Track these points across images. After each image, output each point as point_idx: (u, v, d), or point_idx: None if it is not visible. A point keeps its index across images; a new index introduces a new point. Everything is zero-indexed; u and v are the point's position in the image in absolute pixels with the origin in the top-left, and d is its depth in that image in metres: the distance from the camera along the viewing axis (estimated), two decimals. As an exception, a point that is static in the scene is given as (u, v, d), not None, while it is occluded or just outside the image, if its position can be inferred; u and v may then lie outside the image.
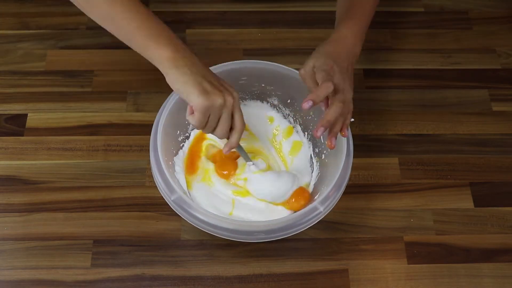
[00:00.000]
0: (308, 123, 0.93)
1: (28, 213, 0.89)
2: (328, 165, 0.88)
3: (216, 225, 0.77)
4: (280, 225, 0.78)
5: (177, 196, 0.78)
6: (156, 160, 0.80)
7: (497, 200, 0.93)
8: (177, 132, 0.90)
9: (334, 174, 0.81)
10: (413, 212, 0.92)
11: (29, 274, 0.84)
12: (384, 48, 1.11)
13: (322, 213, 0.78)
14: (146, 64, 1.06)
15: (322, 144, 0.90)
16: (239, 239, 0.79)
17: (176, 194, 0.78)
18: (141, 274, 0.85)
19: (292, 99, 0.93)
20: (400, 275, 0.86)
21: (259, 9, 1.15)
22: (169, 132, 0.86)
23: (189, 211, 0.78)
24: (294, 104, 0.93)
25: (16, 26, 1.10)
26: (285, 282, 0.85)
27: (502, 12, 1.17)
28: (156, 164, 0.80)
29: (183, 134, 0.92)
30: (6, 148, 0.96)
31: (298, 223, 0.78)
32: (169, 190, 0.79)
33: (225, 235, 0.78)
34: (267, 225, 0.78)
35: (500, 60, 1.10)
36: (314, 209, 0.78)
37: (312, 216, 0.78)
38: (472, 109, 1.03)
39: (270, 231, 0.78)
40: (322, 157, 0.90)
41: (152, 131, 0.82)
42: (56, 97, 1.01)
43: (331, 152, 0.86)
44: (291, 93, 0.91)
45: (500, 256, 0.88)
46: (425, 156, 0.97)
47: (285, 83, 0.89)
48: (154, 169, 0.80)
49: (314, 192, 0.88)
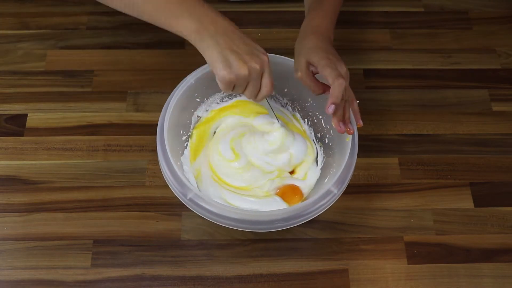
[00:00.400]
0: (307, 110, 0.94)
1: (28, 213, 0.89)
2: (333, 148, 0.89)
3: (236, 219, 0.78)
4: (297, 211, 0.78)
5: (193, 194, 0.78)
6: (167, 163, 0.80)
7: (497, 200, 0.93)
8: (180, 132, 0.90)
9: (343, 155, 0.81)
10: (413, 212, 0.92)
11: (29, 274, 0.84)
12: (384, 48, 1.11)
13: (337, 195, 0.79)
14: (146, 64, 1.07)
15: (324, 128, 0.91)
16: (261, 229, 0.80)
17: (191, 193, 0.78)
18: (141, 274, 0.85)
19: (288, 88, 0.93)
20: (400, 275, 0.86)
21: (259, 9, 1.15)
22: (173, 133, 0.86)
23: (205, 207, 0.78)
24: (292, 92, 0.94)
25: (16, 26, 1.10)
26: (285, 282, 0.85)
27: (502, 12, 1.17)
28: (168, 166, 0.80)
29: (185, 134, 0.92)
30: (6, 148, 0.96)
31: (316, 208, 0.79)
32: (184, 190, 0.79)
33: (248, 228, 0.79)
34: (285, 213, 0.78)
35: (500, 60, 1.10)
36: (329, 192, 0.79)
37: (328, 200, 0.79)
38: (472, 109, 1.03)
39: (289, 218, 0.78)
40: (325, 141, 0.91)
41: (158, 133, 0.82)
42: (56, 97, 1.01)
43: (334, 135, 0.87)
44: (287, 82, 0.92)
45: (500, 256, 0.88)
46: (425, 156, 0.97)
47: (280, 73, 0.89)
48: (166, 172, 0.80)
49: (322, 176, 0.88)
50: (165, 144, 0.81)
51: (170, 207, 0.90)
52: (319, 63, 0.77)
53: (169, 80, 1.03)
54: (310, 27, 0.83)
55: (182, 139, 0.91)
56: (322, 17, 0.85)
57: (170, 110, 0.84)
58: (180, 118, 0.88)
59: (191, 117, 0.93)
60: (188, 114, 0.92)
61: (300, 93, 0.93)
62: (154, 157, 0.95)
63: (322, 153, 0.92)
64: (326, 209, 0.80)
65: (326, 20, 0.85)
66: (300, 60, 0.79)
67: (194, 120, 0.93)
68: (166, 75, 1.04)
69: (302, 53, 0.80)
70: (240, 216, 0.78)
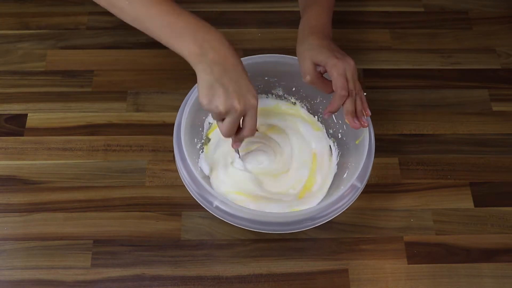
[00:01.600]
0: (316, 107, 0.95)
1: (28, 213, 0.89)
2: (347, 143, 0.89)
3: (262, 221, 0.78)
4: (324, 209, 0.79)
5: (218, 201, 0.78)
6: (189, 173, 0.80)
7: (497, 200, 0.93)
8: (195, 140, 0.91)
9: (361, 150, 0.82)
10: (413, 212, 0.92)
11: (29, 274, 0.84)
12: (384, 48, 1.11)
13: (360, 188, 0.80)
14: (146, 64, 1.07)
15: (336, 123, 0.91)
16: (287, 230, 0.80)
17: (216, 200, 0.78)
18: (141, 274, 0.85)
19: (296, 86, 0.94)
20: (400, 275, 0.86)
21: (259, 9, 1.15)
22: (188, 140, 0.86)
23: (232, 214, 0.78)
24: (300, 91, 0.94)
25: (16, 26, 1.10)
26: (285, 282, 0.85)
27: (502, 12, 1.17)
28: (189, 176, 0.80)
29: (199, 141, 0.92)
30: (6, 148, 0.96)
31: (343, 203, 0.79)
32: (210, 199, 0.79)
33: (275, 230, 0.80)
34: (312, 212, 0.79)
35: (500, 60, 1.10)
36: (354, 187, 0.80)
37: (353, 194, 0.80)
38: (472, 109, 1.03)
39: (316, 217, 0.79)
40: (339, 136, 0.92)
41: (175, 139, 0.82)
42: (56, 97, 1.01)
43: (347, 130, 0.88)
44: (295, 81, 0.92)
45: (500, 256, 0.88)
46: (425, 156, 0.97)
47: (288, 72, 0.90)
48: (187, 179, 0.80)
49: (340, 172, 0.89)
50: (184, 151, 0.80)
51: (170, 207, 0.90)
52: (327, 63, 0.77)
53: (169, 80, 1.04)
54: (308, 28, 0.83)
55: (197, 147, 0.91)
56: (319, 15, 0.84)
57: (186, 115, 0.83)
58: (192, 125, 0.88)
59: (203, 124, 0.93)
60: (200, 121, 0.92)
61: (308, 91, 0.93)
62: (154, 157, 0.95)
63: (336, 148, 0.92)
64: (350, 204, 0.80)
65: (323, 17, 0.84)
66: (306, 63, 0.79)
67: (206, 127, 0.93)
68: (166, 75, 1.04)
69: (306, 56, 0.79)
70: (267, 219, 0.78)
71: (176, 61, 1.06)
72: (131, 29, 1.11)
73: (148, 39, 1.09)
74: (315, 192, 0.89)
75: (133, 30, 1.10)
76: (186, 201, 0.88)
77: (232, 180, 0.88)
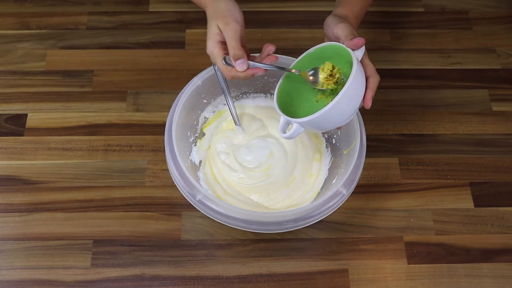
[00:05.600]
0: None
1: (28, 213, 0.89)
2: (340, 149, 0.89)
3: (244, 220, 0.78)
4: (307, 212, 0.79)
5: (202, 195, 0.79)
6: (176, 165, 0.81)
7: (497, 200, 0.93)
8: (188, 133, 0.91)
9: (351, 156, 0.82)
10: (413, 212, 0.92)
11: (29, 274, 0.84)
12: (384, 48, 1.11)
13: (346, 195, 0.80)
14: (146, 64, 1.07)
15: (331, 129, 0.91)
16: (269, 230, 0.80)
17: (200, 194, 0.79)
18: (141, 274, 0.85)
19: None
20: (400, 275, 0.86)
21: (259, 9, 1.15)
22: (181, 134, 0.86)
23: (215, 209, 0.78)
24: None
25: (16, 26, 1.10)
26: (285, 282, 0.85)
27: (502, 12, 1.17)
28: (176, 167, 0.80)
29: (193, 135, 0.92)
30: (6, 148, 0.96)
31: (325, 209, 0.79)
32: (193, 191, 0.79)
33: (256, 229, 0.80)
34: (294, 214, 0.79)
35: (500, 60, 1.10)
36: (338, 194, 0.79)
37: (337, 200, 0.79)
38: (472, 109, 1.03)
39: (299, 219, 0.79)
40: (333, 141, 0.91)
41: (166, 134, 0.82)
42: (56, 97, 1.01)
43: (341, 135, 0.88)
44: None
45: (500, 256, 0.88)
46: (425, 156, 0.97)
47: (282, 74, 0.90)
48: (174, 173, 0.80)
49: (330, 176, 0.89)
50: (173, 144, 0.81)
51: (170, 207, 0.91)
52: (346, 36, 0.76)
53: (169, 80, 1.04)
54: (340, 14, 0.82)
55: (190, 140, 0.91)
56: (351, 9, 0.83)
57: (178, 110, 0.84)
58: (187, 119, 0.88)
59: (198, 118, 0.93)
60: (195, 116, 0.92)
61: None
62: (154, 157, 0.95)
63: (329, 153, 0.92)
64: (335, 210, 0.80)
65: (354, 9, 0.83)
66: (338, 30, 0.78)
67: (201, 121, 0.93)
68: (166, 75, 1.05)
69: (339, 27, 0.77)
70: (248, 217, 0.78)
71: (176, 61, 1.07)
72: (131, 29, 1.12)
73: (148, 39, 1.10)
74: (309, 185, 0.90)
75: (133, 30, 1.11)
76: (186, 201, 0.88)
77: (222, 176, 0.89)
